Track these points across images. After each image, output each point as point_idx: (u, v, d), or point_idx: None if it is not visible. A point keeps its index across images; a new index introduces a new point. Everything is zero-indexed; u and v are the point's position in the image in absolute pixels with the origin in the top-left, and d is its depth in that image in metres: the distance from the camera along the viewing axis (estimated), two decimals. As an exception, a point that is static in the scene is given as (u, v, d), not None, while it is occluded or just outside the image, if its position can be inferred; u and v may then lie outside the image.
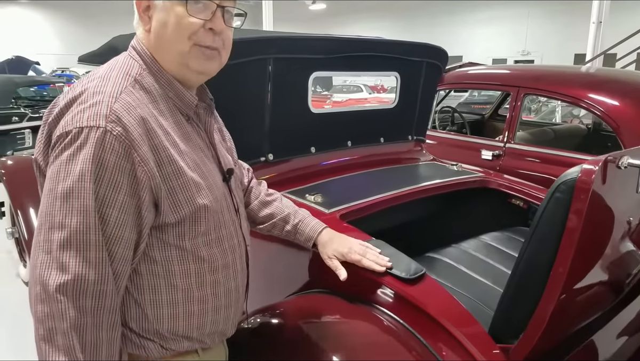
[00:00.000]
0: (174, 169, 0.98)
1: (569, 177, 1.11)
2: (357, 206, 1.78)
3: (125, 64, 1.03)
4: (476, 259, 1.80)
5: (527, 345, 1.19)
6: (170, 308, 1.03)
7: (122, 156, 0.91)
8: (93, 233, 0.89)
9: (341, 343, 1.27)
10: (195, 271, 1.04)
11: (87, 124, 0.90)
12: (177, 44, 1.01)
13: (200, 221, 1.03)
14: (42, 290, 0.88)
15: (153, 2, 1.02)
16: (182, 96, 1.06)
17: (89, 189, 0.88)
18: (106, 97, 0.93)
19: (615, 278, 1.49)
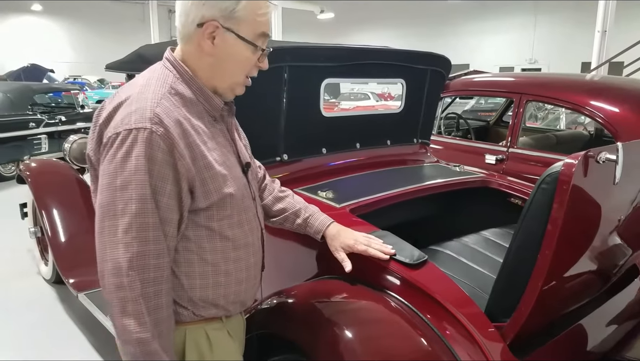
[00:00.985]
0: (205, 164, 1.13)
1: (553, 170, 1.26)
2: (365, 201, 1.93)
3: (162, 74, 1.18)
4: (476, 252, 1.94)
5: (518, 323, 1.33)
6: (201, 278, 1.19)
7: (166, 152, 1.06)
8: (150, 216, 1.05)
9: (350, 321, 1.40)
10: (221, 248, 1.21)
11: (135, 126, 1.05)
12: (235, 76, 1.22)
13: (225, 206, 1.19)
14: (113, 267, 1.04)
15: (222, 35, 1.15)
16: (210, 100, 1.22)
17: (145, 180, 1.04)
18: (149, 103, 1.08)
19: (601, 267, 1.62)
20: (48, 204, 3.46)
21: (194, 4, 1.14)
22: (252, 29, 1.17)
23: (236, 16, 1.14)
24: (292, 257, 1.86)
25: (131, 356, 1.06)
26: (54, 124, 7.92)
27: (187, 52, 1.19)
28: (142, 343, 1.05)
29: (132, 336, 1.05)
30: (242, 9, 1.14)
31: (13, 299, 3.60)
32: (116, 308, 1.05)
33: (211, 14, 1.13)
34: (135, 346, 1.05)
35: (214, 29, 1.14)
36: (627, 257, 1.76)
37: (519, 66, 20.65)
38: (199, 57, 1.18)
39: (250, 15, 1.15)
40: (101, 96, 17.73)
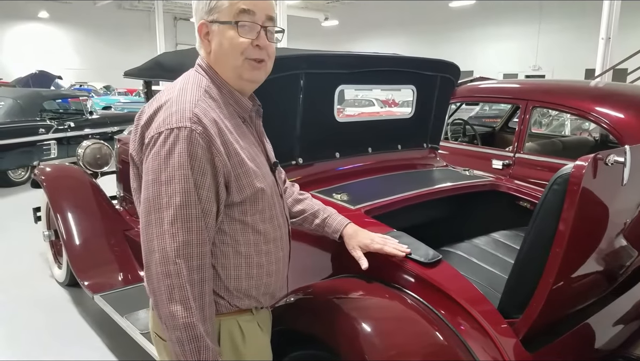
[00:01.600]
0: (238, 160, 1.21)
1: (564, 172, 1.32)
2: (379, 203, 1.99)
3: (196, 79, 1.28)
4: (486, 253, 2.00)
5: (530, 318, 1.38)
6: (236, 270, 1.27)
7: (205, 148, 1.14)
8: (194, 208, 1.14)
9: (369, 317, 1.46)
10: (254, 242, 1.29)
11: (176, 125, 1.14)
12: (232, 60, 1.26)
13: (257, 201, 1.27)
14: (161, 256, 1.12)
15: (211, 29, 1.26)
16: (240, 102, 1.31)
17: (187, 175, 1.13)
18: (188, 104, 1.17)
19: (608, 267, 1.68)
20: (63, 207, 3.53)
21: (195, 16, 1.28)
22: (230, 11, 1.23)
23: (214, 6, 1.24)
24: (312, 257, 1.92)
25: (177, 341, 1.13)
26: (63, 130, 8.02)
27: (204, 57, 1.31)
28: (189, 328, 1.12)
29: (179, 322, 1.11)
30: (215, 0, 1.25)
31: (26, 301, 3.66)
32: (163, 295, 1.13)
33: (200, 17, 1.26)
34: (182, 331, 1.12)
35: (205, 28, 1.26)
36: (633, 258, 1.82)
37: (523, 72, 20.71)
38: (207, 58, 1.29)
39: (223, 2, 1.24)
40: (107, 103, 17.85)
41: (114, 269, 3.30)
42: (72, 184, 3.75)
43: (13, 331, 3.25)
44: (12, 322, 3.37)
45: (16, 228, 5.36)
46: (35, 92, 8.47)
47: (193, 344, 1.13)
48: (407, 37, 24.89)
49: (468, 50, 22.37)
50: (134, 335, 2.56)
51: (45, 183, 3.69)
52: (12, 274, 4.17)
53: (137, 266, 3.32)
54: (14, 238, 5.10)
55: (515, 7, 20.85)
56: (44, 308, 3.56)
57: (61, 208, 3.53)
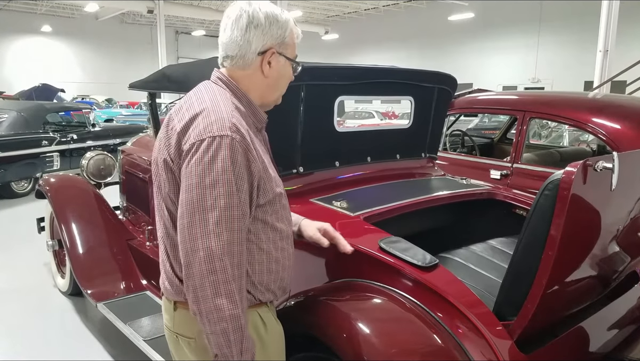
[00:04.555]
0: (263, 166, 1.32)
1: (555, 178, 1.37)
2: (378, 210, 2.04)
3: (221, 91, 1.37)
4: (483, 258, 2.05)
5: (524, 320, 1.43)
6: (260, 265, 1.38)
7: (244, 155, 1.24)
8: (236, 210, 1.23)
9: (369, 319, 1.50)
10: (272, 239, 1.40)
11: (218, 134, 1.22)
12: (282, 89, 1.48)
13: (275, 203, 1.40)
14: (206, 254, 1.20)
15: (277, 58, 1.39)
16: (257, 114, 1.43)
17: (231, 179, 1.22)
18: (225, 115, 1.26)
19: (601, 272, 1.72)
20: (67, 217, 3.58)
21: (256, 35, 1.34)
22: (292, 51, 1.42)
23: (285, 42, 1.38)
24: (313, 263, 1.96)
25: (223, 332, 1.21)
26: (65, 142, 8.10)
27: (243, 75, 1.39)
28: (235, 319, 1.21)
29: (226, 313, 1.20)
30: (288, 35, 1.39)
31: (30, 311, 3.70)
32: (207, 290, 1.21)
33: (270, 43, 1.36)
34: (229, 322, 1.21)
35: (272, 55, 1.37)
36: (626, 263, 1.86)
37: (522, 85, 20.85)
38: (257, 79, 1.39)
39: (292, 40, 1.41)
40: (109, 115, 17.94)
41: (117, 278, 3.34)
42: (76, 195, 3.80)
43: (17, 341, 3.28)
44: (16, 331, 3.40)
45: (19, 238, 5.40)
46: (38, 105, 8.56)
47: (238, 333, 1.22)
48: (406, 50, 25.09)
49: (467, 63, 22.54)
50: (136, 342, 2.60)
51: (50, 193, 3.74)
52: (16, 284, 4.21)
53: (140, 275, 3.37)
54: (17, 248, 5.14)
55: (515, 20, 21.05)
56: (47, 317, 3.59)
57: (65, 217, 3.58)
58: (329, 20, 26.93)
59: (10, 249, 5.14)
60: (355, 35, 27.25)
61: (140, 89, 2.66)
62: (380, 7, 23.94)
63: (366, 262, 1.70)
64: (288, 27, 1.39)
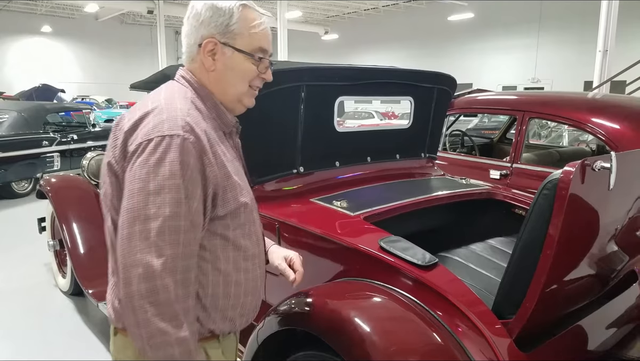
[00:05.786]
0: (225, 173, 1.18)
1: (554, 177, 1.39)
2: (378, 210, 2.06)
3: (181, 89, 1.25)
4: (482, 258, 2.06)
5: (523, 318, 1.44)
6: (215, 287, 1.22)
7: (197, 158, 1.11)
8: (183, 220, 1.08)
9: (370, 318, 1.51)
10: (233, 258, 1.24)
11: (168, 133, 1.09)
12: (239, 85, 1.27)
13: (239, 216, 1.23)
14: (145, 271, 1.05)
15: (221, 50, 1.23)
16: (223, 116, 1.29)
17: (179, 185, 1.07)
18: (179, 112, 1.14)
19: (600, 271, 1.73)
20: (68, 217, 3.59)
21: (194, 26, 1.23)
22: (249, 43, 1.24)
23: (231, 30, 1.22)
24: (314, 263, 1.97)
25: (169, 357, 1.07)
26: (66, 143, 8.12)
27: (193, 69, 1.28)
28: (183, 343, 1.07)
29: (172, 338, 1.06)
30: (235, 22, 1.22)
31: (31, 311, 3.70)
32: (149, 312, 1.05)
33: (209, 32, 1.22)
34: (176, 347, 1.07)
35: (213, 46, 1.23)
36: (624, 263, 1.87)
37: (522, 85, 20.85)
38: (203, 73, 1.26)
39: (245, 29, 1.23)
40: (109, 116, 17.96)
41: (118, 278, 3.34)
42: (77, 195, 3.81)
43: (18, 340, 3.29)
44: (16, 331, 3.41)
45: (20, 238, 5.41)
46: (39, 105, 8.57)
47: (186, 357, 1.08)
48: (406, 50, 25.09)
49: (467, 63, 22.54)
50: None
51: (51, 193, 3.76)
52: (17, 284, 4.21)
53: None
54: (17, 248, 5.15)
55: (514, 20, 21.06)
56: (48, 317, 3.60)
57: (67, 217, 3.59)
58: (328, 20, 26.94)
59: (11, 250, 5.15)
60: (355, 35, 27.26)
61: (141, 90, 2.68)
62: (380, 7, 23.95)
63: (366, 261, 1.71)
64: (234, 14, 1.22)
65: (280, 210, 2.08)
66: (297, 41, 22.32)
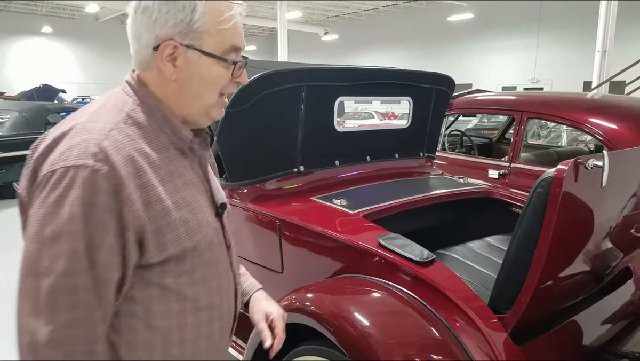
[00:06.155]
0: (162, 208, 0.94)
1: (548, 175, 1.43)
2: (377, 208, 2.10)
3: (120, 99, 1.01)
4: (479, 255, 2.10)
5: (518, 313, 1.48)
6: (146, 349, 0.98)
7: (110, 195, 0.86)
8: (82, 277, 0.85)
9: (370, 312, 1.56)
10: (176, 311, 0.99)
11: (74, 163, 0.85)
12: (208, 96, 1.03)
13: (185, 260, 0.99)
14: (29, 341, 0.86)
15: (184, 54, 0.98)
16: (177, 130, 1.03)
17: (79, 232, 0.84)
18: (95, 135, 0.89)
19: (594, 267, 1.77)
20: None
21: (144, 25, 0.97)
22: (218, 42, 1.00)
23: (195, 29, 0.96)
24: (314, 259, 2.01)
25: None
26: (67, 143, 8.15)
27: (149, 79, 1.02)
28: None
29: None
30: (200, 19, 0.96)
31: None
32: None
33: (166, 33, 0.96)
34: None
35: (172, 50, 0.97)
36: (618, 260, 1.91)
37: (522, 85, 20.89)
38: (162, 84, 1.01)
39: (212, 26, 0.98)
40: (110, 116, 17.98)
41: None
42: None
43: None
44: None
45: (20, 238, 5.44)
46: (40, 106, 8.61)
47: None
48: (406, 50, 25.13)
49: (467, 63, 22.58)
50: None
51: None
52: (19, 283, 4.25)
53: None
54: (18, 248, 5.18)
55: (514, 21, 21.10)
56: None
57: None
58: (328, 21, 26.98)
59: (12, 249, 5.17)
60: (355, 35, 27.30)
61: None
62: (380, 7, 23.99)
63: (366, 258, 1.75)
64: (198, 7, 0.96)
65: (281, 208, 2.12)
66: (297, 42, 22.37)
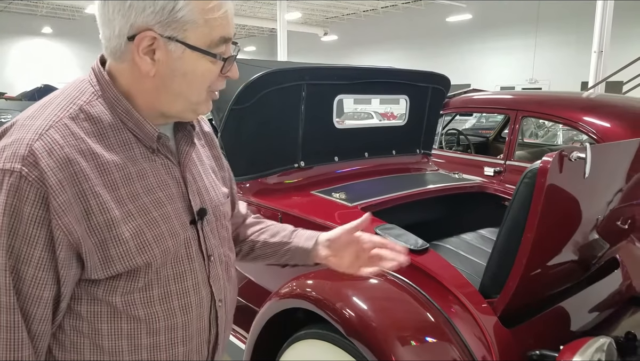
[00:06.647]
0: (106, 219, 0.83)
1: (534, 167, 1.52)
2: (375, 201, 2.19)
3: (77, 89, 0.90)
4: (472, 246, 2.19)
5: (506, 297, 1.57)
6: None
7: (38, 205, 0.77)
8: (4, 295, 0.77)
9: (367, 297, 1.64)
10: (127, 332, 0.88)
11: (2, 166, 0.77)
12: (194, 94, 0.92)
13: (137, 277, 0.88)
14: None
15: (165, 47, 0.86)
16: (142, 126, 0.90)
17: (1, 244, 0.77)
18: (29, 134, 0.80)
19: (580, 256, 1.86)
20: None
21: (118, 10, 0.84)
22: (206, 34, 0.87)
23: (178, 18, 0.84)
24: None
25: None
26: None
27: (120, 70, 0.91)
28: None
29: None
30: (184, 7, 0.84)
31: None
32: None
33: (144, 22, 0.84)
34: None
35: (151, 41, 0.85)
36: (604, 250, 2.00)
37: (520, 85, 21.01)
38: (135, 78, 0.89)
39: (198, 15, 0.85)
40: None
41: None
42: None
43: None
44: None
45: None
46: (42, 106, 8.69)
47: None
48: (405, 51, 25.24)
49: (466, 63, 22.70)
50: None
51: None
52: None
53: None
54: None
55: (512, 21, 21.21)
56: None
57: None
58: (327, 21, 27.08)
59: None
60: (354, 36, 27.40)
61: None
62: (379, 8, 24.09)
63: (364, 247, 1.84)
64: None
65: (283, 201, 2.21)
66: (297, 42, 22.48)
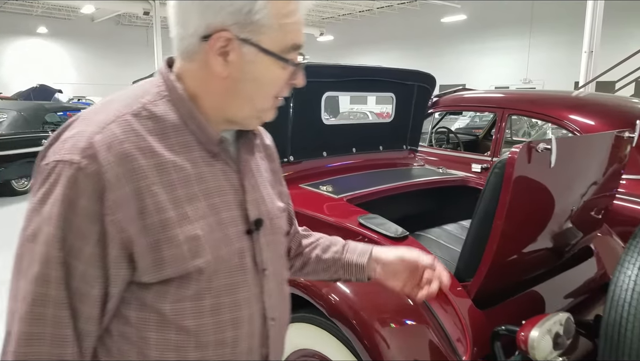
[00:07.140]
0: (161, 220, 0.80)
1: (504, 158, 1.62)
2: (360, 193, 2.29)
3: (142, 89, 0.89)
4: (453, 236, 2.29)
5: (479, 280, 1.67)
6: None
7: (94, 198, 0.76)
8: (53, 288, 0.76)
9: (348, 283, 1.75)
10: (175, 344, 0.84)
11: (62, 157, 0.77)
12: (263, 100, 0.91)
13: (188, 284, 0.84)
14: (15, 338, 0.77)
15: (240, 49, 0.84)
16: (204, 129, 0.88)
17: (54, 236, 0.75)
18: (91, 127, 0.79)
19: (554, 244, 1.96)
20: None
21: (194, 9, 0.83)
22: (280, 39, 0.86)
23: (255, 20, 0.82)
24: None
25: None
26: (66, 141, 8.30)
27: (190, 71, 0.88)
28: None
29: None
30: (261, 9, 0.82)
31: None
32: None
33: (220, 21, 0.82)
34: None
35: (225, 42, 0.83)
36: (578, 238, 2.10)
37: (514, 85, 21.17)
38: (207, 79, 0.87)
39: (275, 19, 0.84)
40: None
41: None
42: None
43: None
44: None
45: (23, 232, 5.60)
46: (38, 105, 8.79)
47: None
48: (400, 51, 25.38)
49: (461, 64, 22.88)
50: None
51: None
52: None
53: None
54: (20, 242, 5.34)
55: (506, 22, 21.40)
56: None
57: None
58: (323, 22, 27.22)
59: (12, 248, 5.32)
60: (350, 36, 27.56)
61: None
62: (375, 9, 24.24)
63: (347, 235, 1.90)
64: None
65: (272, 194, 2.30)
66: (292, 42, 22.45)
